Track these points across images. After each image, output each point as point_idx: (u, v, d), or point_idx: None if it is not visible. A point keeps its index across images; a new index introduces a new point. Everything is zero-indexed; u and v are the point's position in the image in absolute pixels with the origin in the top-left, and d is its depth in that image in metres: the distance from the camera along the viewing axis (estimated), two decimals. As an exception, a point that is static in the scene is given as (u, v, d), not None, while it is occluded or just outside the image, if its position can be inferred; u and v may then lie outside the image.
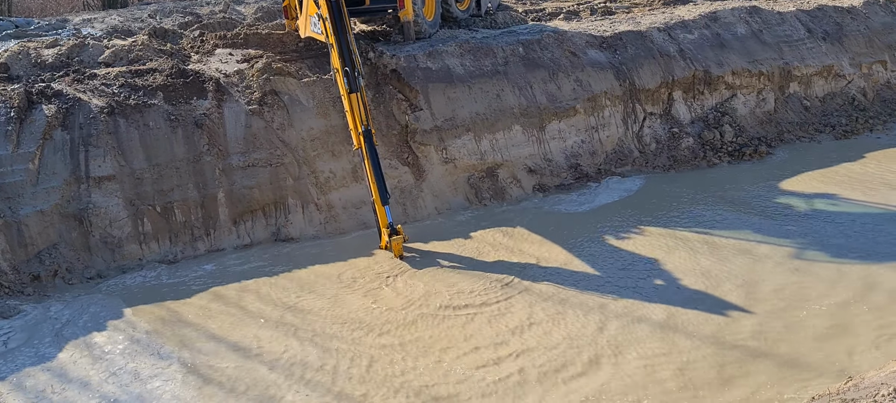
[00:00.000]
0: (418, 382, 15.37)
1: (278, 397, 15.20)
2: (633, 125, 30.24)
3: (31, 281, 21.65)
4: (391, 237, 22.02)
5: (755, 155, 29.88)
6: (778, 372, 14.84)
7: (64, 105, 23.84)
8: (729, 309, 17.70)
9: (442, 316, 18.21)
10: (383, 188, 22.36)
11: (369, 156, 22.29)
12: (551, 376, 15.34)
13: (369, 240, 23.33)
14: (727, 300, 18.14)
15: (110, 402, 15.35)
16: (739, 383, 14.62)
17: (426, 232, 23.86)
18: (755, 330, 16.63)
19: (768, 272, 19.50)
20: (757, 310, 17.51)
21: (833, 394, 11.76)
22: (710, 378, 14.86)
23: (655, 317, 17.45)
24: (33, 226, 22.36)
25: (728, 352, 15.78)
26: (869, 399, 9.70)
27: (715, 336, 16.46)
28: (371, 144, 22.40)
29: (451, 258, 21.91)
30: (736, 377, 14.82)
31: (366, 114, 22.47)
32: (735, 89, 32.42)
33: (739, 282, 18.96)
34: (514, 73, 28.62)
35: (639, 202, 25.54)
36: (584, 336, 16.84)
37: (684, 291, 18.76)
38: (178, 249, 23.55)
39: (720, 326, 16.87)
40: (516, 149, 27.73)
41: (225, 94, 25.33)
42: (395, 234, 22.07)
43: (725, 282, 19.01)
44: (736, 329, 16.73)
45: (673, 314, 17.53)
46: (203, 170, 24.26)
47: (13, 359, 17.55)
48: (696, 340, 16.36)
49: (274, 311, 19.27)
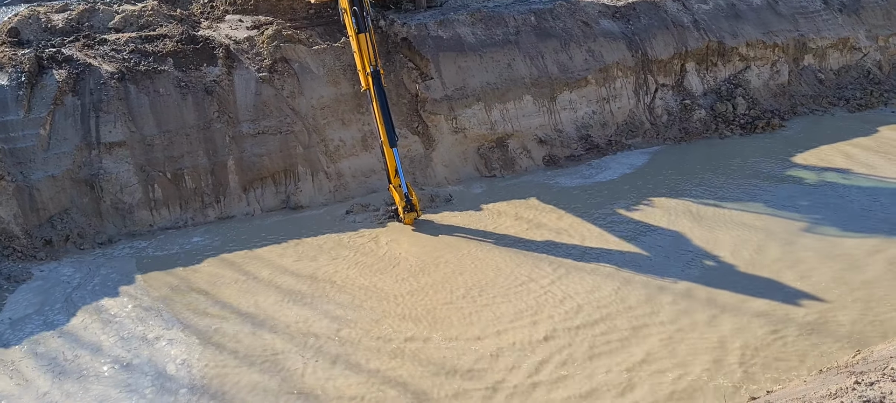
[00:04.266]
0: (426, 353, 15.42)
1: (287, 363, 15.25)
2: (645, 96, 29.99)
3: (43, 246, 21.79)
4: (407, 212, 22.04)
5: (768, 127, 29.63)
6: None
7: (74, 70, 23.82)
8: (745, 281, 17.69)
9: (451, 291, 18.24)
10: (391, 130, 22.22)
11: (377, 97, 22.15)
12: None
13: (376, 199, 23.73)
14: (745, 272, 18.15)
15: (121, 366, 15.47)
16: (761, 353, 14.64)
17: (437, 202, 23.94)
18: (769, 302, 16.60)
19: (776, 244, 19.41)
20: (769, 277, 17.51)
21: (842, 367, 11.74)
22: (711, 344, 14.85)
23: (677, 288, 17.45)
24: (45, 191, 22.46)
25: (738, 319, 15.77)
26: (878, 372, 9.67)
27: (730, 306, 16.44)
28: (379, 85, 22.22)
29: (462, 229, 21.90)
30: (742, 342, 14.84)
31: (374, 54, 22.29)
32: (749, 61, 32.07)
33: (750, 254, 18.93)
34: (526, 43, 28.37)
35: (650, 174, 25.39)
36: (604, 300, 16.91)
37: (698, 263, 18.72)
38: (188, 216, 23.62)
39: (739, 298, 16.86)
40: (527, 119, 27.57)
41: (235, 61, 25.23)
42: (411, 209, 22.09)
43: (742, 255, 18.98)
44: (753, 303, 16.71)
45: (691, 288, 17.52)
46: (213, 138, 24.25)
47: (27, 324, 17.69)
48: (700, 304, 16.36)
49: (283, 278, 19.33)
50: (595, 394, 13.69)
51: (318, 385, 14.32)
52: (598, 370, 14.42)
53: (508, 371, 14.59)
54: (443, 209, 23.42)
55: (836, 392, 8.68)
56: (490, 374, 14.53)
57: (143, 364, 15.50)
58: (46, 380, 15.08)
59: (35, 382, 15.04)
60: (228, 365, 15.23)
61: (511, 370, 14.62)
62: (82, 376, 15.18)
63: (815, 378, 11.23)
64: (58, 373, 15.34)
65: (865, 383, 9.14)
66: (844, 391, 8.88)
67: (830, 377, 10.65)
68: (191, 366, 15.24)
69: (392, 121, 22.25)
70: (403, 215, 22.01)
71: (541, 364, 14.77)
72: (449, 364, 14.89)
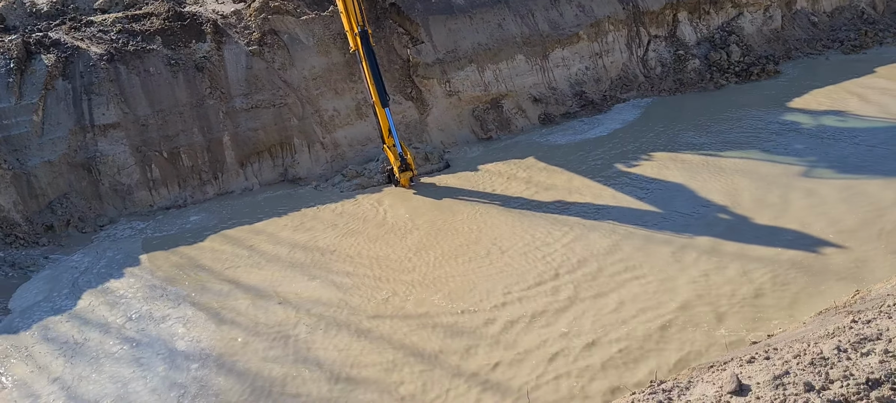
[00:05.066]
0: (432, 320, 15.56)
1: (294, 333, 15.39)
2: (638, 49, 29.86)
3: (44, 232, 21.86)
4: (401, 171, 22.21)
5: (763, 74, 29.55)
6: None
7: (63, 54, 23.68)
8: (741, 228, 17.79)
9: (452, 253, 18.35)
10: (383, 90, 22.25)
11: (367, 58, 22.12)
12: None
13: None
14: (752, 223, 18.25)
15: (131, 345, 15.62)
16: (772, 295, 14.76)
17: (432, 159, 23.98)
18: (770, 247, 16.71)
19: (774, 192, 19.48)
20: (762, 221, 17.59)
21: (840, 307, 11.87)
22: (724, 291, 14.97)
23: (675, 242, 17.55)
24: (43, 177, 22.47)
25: (738, 263, 15.90)
26: (875, 310, 9.78)
27: (715, 248, 16.56)
28: (368, 45, 22.19)
29: (461, 191, 21.95)
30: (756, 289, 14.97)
31: (361, 14, 22.25)
32: (741, 7, 31.87)
33: (751, 202, 19.01)
34: (516, 2, 28.16)
35: (644, 127, 25.40)
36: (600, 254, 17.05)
37: (697, 213, 18.81)
38: (187, 194, 23.66)
39: (738, 245, 16.97)
40: (520, 78, 27.48)
41: (224, 36, 25.07)
42: (406, 169, 22.25)
43: (744, 204, 19.07)
44: (755, 249, 16.82)
45: (686, 242, 17.61)
46: (207, 114, 24.20)
47: (36, 311, 17.81)
48: (703, 252, 16.47)
49: (284, 251, 19.44)
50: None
51: (327, 354, 14.46)
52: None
53: (520, 332, 14.73)
54: (442, 172, 23.53)
55: (834, 332, 8.81)
56: (496, 338, 14.67)
57: (153, 342, 15.64)
58: (59, 364, 15.23)
59: (48, 367, 15.19)
60: (237, 339, 15.37)
61: (520, 329, 14.76)
62: (94, 357, 15.34)
63: (814, 320, 11.37)
64: (70, 356, 15.49)
65: (862, 321, 9.26)
66: (842, 329, 9.00)
67: (829, 317, 10.77)
68: (200, 341, 15.39)
69: (383, 81, 22.27)
70: (399, 174, 22.09)
71: (571, 326, 14.90)
72: (464, 330, 15.02)
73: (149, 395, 13.73)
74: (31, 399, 14.15)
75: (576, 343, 13.84)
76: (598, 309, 14.92)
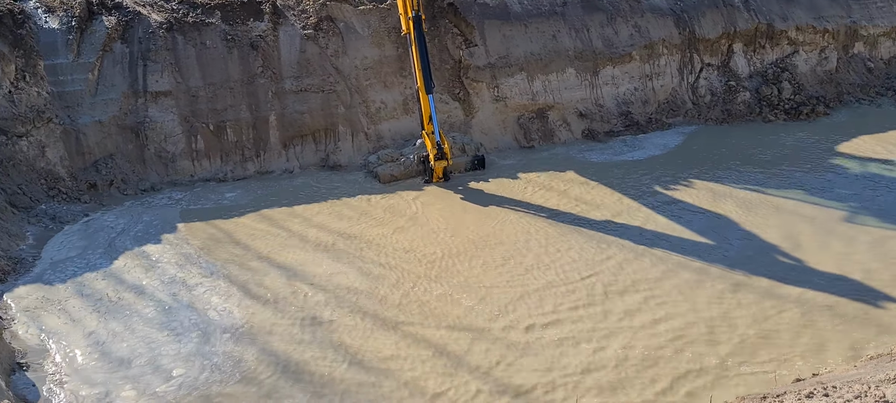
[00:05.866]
0: (454, 313, 15.58)
1: (323, 317, 15.50)
2: (689, 75, 29.64)
3: (87, 189, 22.28)
4: (437, 159, 22.23)
5: (813, 114, 29.16)
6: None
7: (124, 18, 24.11)
8: (778, 271, 17.55)
9: (485, 258, 18.36)
10: (429, 76, 22.37)
11: (417, 42, 22.35)
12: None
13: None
14: (779, 261, 17.98)
15: (164, 310, 15.85)
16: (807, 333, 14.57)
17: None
18: (800, 291, 16.47)
19: (814, 233, 19.19)
20: (802, 263, 17.34)
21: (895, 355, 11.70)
22: (746, 322, 14.80)
23: (729, 277, 17.30)
24: (91, 136, 22.90)
25: (772, 302, 15.69)
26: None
27: (750, 285, 16.37)
28: (420, 31, 22.42)
29: (504, 199, 21.95)
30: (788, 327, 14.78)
31: (417, 0, 22.51)
32: (797, 45, 31.49)
33: (785, 240, 18.72)
34: (572, 15, 28.11)
35: (688, 154, 25.19)
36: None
37: (731, 245, 18.60)
38: (228, 168, 23.95)
39: (769, 284, 16.75)
40: (568, 92, 27.42)
41: (281, 17, 25.35)
42: (442, 158, 22.26)
43: (775, 241, 18.77)
44: (782, 290, 16.60)
45: (742, 280, 17.43)
46: (256, 92, 24.48)
47: (69, 266, 18.17)
48: (730, 285, 16.28)
49: (319, 235, 19.59)
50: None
51: (355, 342, 14.55)
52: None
53: (568, 355, 14.69)
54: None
55: (894, 378, 8.66)
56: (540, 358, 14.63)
57: (186, 309, 15.85)
58: (93, 320, 15.51)
59: (82, 321, 15.48)
60: (267, 316, 15.53)
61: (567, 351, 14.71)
62: (127, 316, 15.60)
63: (866, 364, 11.19)
64: (103, 313, 15.77)
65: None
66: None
67: (883, 362, 10.61)
68: (232, 315, 15.57)
69: (430, 68, 22.43)
70: (433, 162, 22.13)
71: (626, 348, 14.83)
72: (503, 342, 15.01)
73: (181, 363, 13.92)
74: (66, 350, 14.42)
75: (627, 373, 13.48)
76: (649, 337, 14.56)
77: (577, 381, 13.17)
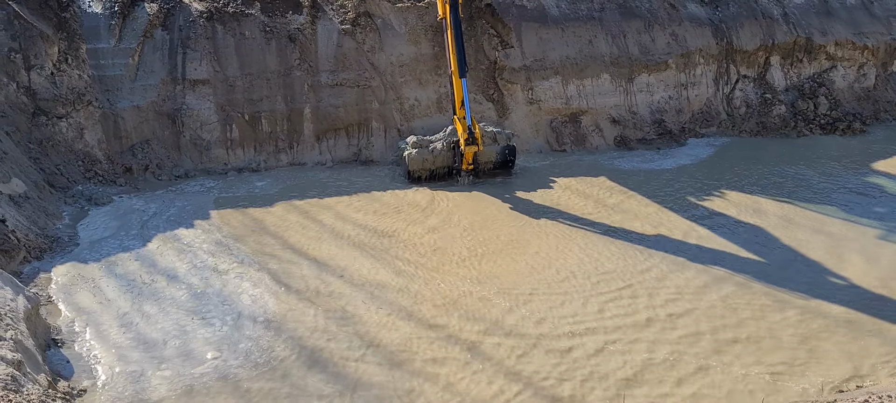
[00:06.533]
0: (491, 316, 15.57)
1: (353, 311, 15.57)
2: (725, 86, 29.42)
3: (123, 173, 22.59)
4: (467, 144, 22.08)
5: (848, 130, 28.83)
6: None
7: (166, 5, 24.40)
8: (821, 288, 17.36)
9: (517, 256, 18.35)
10: (463, 60, 22.33)
11: (453, 27, 22.43)
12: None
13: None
14: (821, 278, 17.78)
15: (195, 295, 16.03)
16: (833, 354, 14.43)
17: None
18: (842, 309, 16.29)
19: (853, 250, 18.96)
20: (840, 280, 17.15)
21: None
22: (793, 338, 14.67)
23: (736, 280, 17.21)
24: (129, 120, 23.22)
25: (803, 318, 15.54)
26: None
27: (785, 300, 16.20)
28: (456, 15, 22.50)
29: (540, 206, 21.94)
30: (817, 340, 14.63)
31: None
32: (836, 60, 31.14)
33: (827, 256, 18.50)
34: (609, 21, 28.02)
35: (721, 166, 24.99)
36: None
37: (771, 260, 18.44)
38: (261, 158, 24.17)
39: (804, 299, 16.58)
40: (602, 97, 27.33)
41: (319, 11, 25.52)
42: (473, 143, 22.13)
43: (817, 258, 18.55)
44: (821, 306, 16.41)
45: (784, 298, 17.27)
46: (292, 84, 24.68)
47: (103, 245, 18.44)
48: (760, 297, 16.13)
49: (350, 229, 19.69)
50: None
51: (386, 339, 14.59)
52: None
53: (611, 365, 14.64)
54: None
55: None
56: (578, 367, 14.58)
57: (217, 295, 16.01)
58: (126, 301, 15.72)
59: (116, 301, 15.70)
60: (297, 307, 15.63)
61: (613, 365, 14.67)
62: (159, 299, 15.79)
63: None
64: (136, 294, 15.98)
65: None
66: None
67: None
68: (262, 304, 15.70)
69: (464, 53, 22.36)
70: (464, 147, 22.02)
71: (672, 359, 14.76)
72: (543, 347, 14.99)
73: (211, 349, 14.06)
74: (100, 328, 14.64)
75: (682, 391, 13.22)
76: (698, 351, 14.34)
77: (623, 390, 13.04)
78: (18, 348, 12.11)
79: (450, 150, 22.78)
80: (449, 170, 23.01)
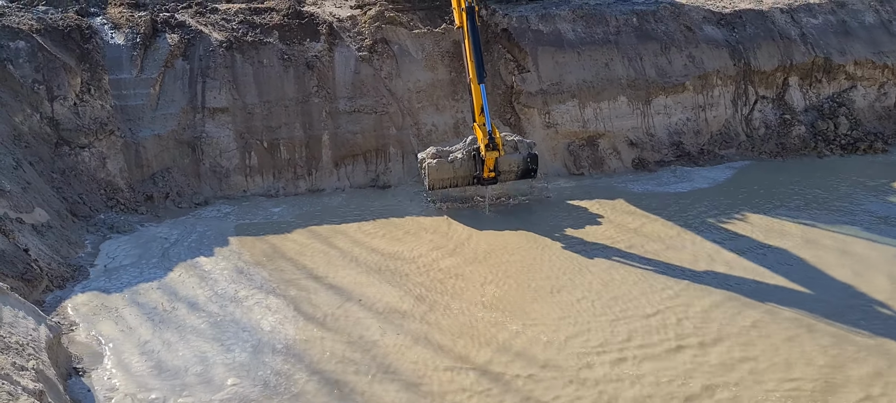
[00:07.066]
0: (502, 336, 15.51)
1: (372, 338, 15.57)
2: (743, 107, 29.27)
3: (144, 201, 22.82)
4: (488, 150, 21.76)
5: (870, 150, 28.54)
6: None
7: (186, 36, 24.78)
8: (853, 313, 17.14)
9: (537, 287, 18.30)
10: (481, 65, 22.19)
11: (470, 34, 22.41)
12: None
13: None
14: (852, 302, 17.57)
15: (216, 323, 16.10)
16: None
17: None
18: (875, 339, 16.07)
19: (882, 275, 18.70)
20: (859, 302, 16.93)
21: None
22: (825, 366, 14.48)
23: (764, 307, 17.04)
24: (150, 149, 23.48)
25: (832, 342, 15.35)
26: None
27: (801, 322, 16.01)
28: (473, 22, 22.51)
29: (551, 226, 21.89)
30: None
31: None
32: (855, 80, 30.90)
33: (856, 280, 18.24)
34: (626, 44, 28.05)
35: (743, 186, 24.82)
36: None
37: (799, 285, 18.22)
38: (280, 185, 24.34)
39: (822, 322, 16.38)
40: (619, 120, 27.29)
41: (337, 39, 25.78)
42: (493, 148, 21.82)
43: (847, 280, 18.34)
44: (850, 334, 16.20)
45: (773, 310, 17.10)
46: (311, 111, 24.89)
47: (123, 274, 18.59)
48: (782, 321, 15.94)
49: (368, 255, 19.72)
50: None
51: (404, 365, 14.57)
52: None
53: (591, 370, 14.53)
54: (532, 211, 23.09)
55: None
56: (572, 371, 14.47)
57: (237, 323, 16.08)
58: (148, 329, 15.84)
59: (137, 329, 15.81)
60: (317, 334, 15.66)
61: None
62: (181, 328, 15.89)
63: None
64: (158, 322, 16.09)
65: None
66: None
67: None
68: (282, 332, 15.74)
69: (482, 59, 22.23)
70: (485, 153, 21.68)
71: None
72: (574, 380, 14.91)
73: (231, 376, 14.11)
74: (121, 356, 14.74)
75: None
76: (735, 379, 14.15)
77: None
78: (40, 377, 12.22)
79: (470, 159, 22.28)
80: (470, 179, 22.50)
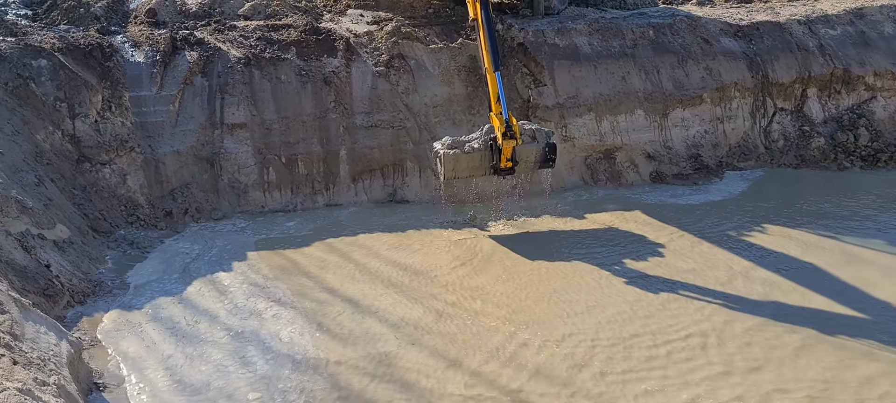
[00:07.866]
0: (522, 356, 15.46)
1: (389, 351, 15.59)
2: (762, 119, 29.10)
3: (163, 217, 23.00)
4: (506, 139, 21.29)
5: (891, 162, 28.26)
6: None
7: (205, 53, 25.03)
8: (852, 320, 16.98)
9: (553, 298, 18.25)
10: (496, 55, 21.98)
11: (485, 24, 22.26)
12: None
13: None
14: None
15: (236, 336, 16.19)
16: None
17: (543, 208, 23.91)
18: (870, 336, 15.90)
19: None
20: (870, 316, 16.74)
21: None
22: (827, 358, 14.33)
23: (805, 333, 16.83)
24: (170, 165, 23.69)
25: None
26: None
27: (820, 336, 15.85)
28: (487, 12, 22.40)
29: (571, 240, 21.85)
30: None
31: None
32: (875, 91, 30.64)
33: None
34: (642, 57, 28.01)
35: (766, 199, 24.66)
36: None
37: (837, 303, 17.98)
38: (298, 200, 24.45)
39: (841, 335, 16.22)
40: (636, 133, 27.22)
41: (354, 54, 25.93)
42: (510, 136, 21.31)
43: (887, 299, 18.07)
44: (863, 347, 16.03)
45: (818, 333, 16.91)
46: (328, 127, 25.02)
47: (147, 290, 18.74)
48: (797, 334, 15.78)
49: (386, 268, 19.76)
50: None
51: (421, 380, 14.56)
52: None
53: None
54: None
55: None
56: None
57: (257, 337, 16.17)
58: (170, 344, 15.94)
59: (160, 345, 15.93)
60: (336, 349, 15.70)
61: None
62: (202, 342, 15.98)
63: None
64: (179, 338, 16.19)
65: None
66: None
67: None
68: (300, 345, 15.80)
69: (498, 49, 22.12)
70: (502, 142, 21.23)
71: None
72: (551, 371, 14.85)
73: (251, 392, 14.17)
74: (142, 372, 14.83)
75: None
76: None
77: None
78: (61, 393, 12.32)
79: (487, 149, 21.65)
80: (487, 170, 21.91)
